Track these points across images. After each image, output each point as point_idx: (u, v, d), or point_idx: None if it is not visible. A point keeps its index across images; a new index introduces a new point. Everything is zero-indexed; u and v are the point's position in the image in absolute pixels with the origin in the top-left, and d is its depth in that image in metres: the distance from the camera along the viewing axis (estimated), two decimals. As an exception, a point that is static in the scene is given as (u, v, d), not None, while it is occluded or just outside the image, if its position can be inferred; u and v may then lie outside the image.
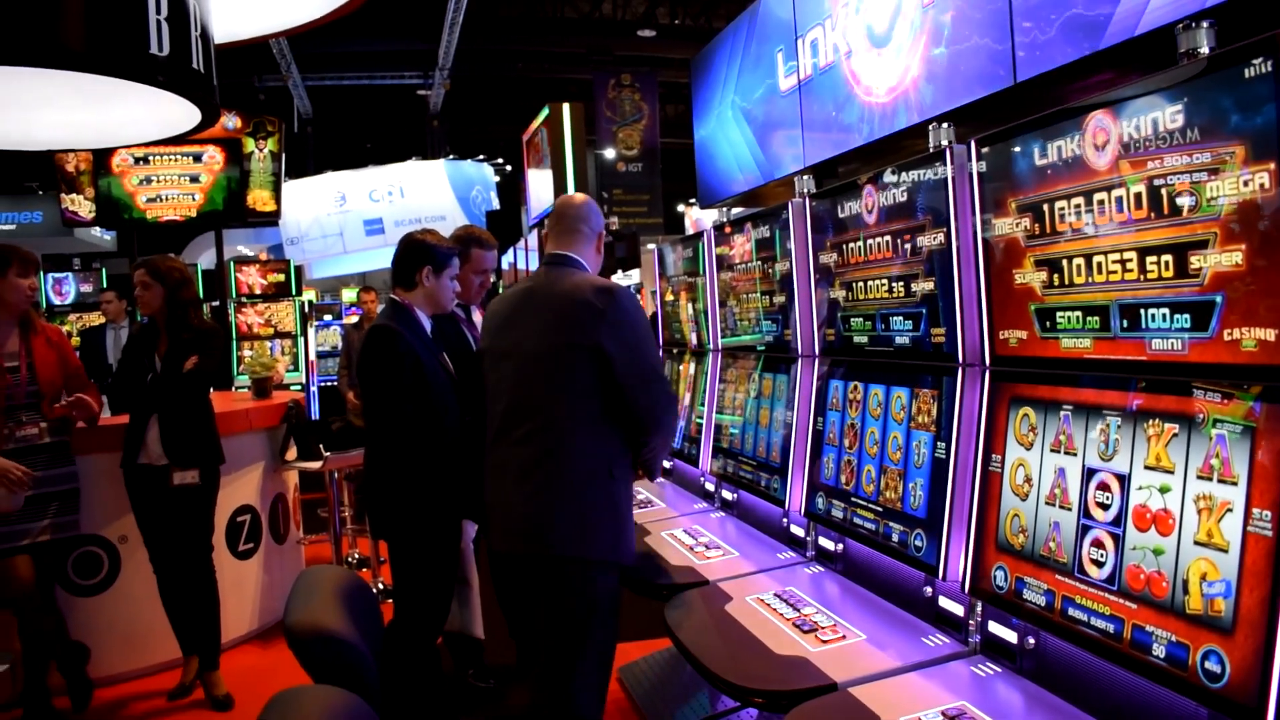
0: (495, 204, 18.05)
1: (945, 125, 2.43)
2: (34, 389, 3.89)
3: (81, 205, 10.02)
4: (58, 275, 11.32)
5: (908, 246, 2.53)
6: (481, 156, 19.44)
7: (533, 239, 11.50)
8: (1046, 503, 2.01)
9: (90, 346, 7.58)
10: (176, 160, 9.28)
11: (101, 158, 9.21)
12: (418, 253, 3.36)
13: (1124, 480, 1.82)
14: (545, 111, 10.67)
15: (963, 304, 2.32)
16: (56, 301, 11.00)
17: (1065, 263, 1.95)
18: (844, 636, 2.40)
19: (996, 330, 2.20)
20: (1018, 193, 2.09)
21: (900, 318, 2.60)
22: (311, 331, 9.10)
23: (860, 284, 2.79)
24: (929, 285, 2.44)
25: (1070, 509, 1.94)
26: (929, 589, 2.44)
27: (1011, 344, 2.15)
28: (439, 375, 3.26)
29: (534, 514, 2.63)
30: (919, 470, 2.47)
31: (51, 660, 4.04)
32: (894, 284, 2.61)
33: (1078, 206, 1.91)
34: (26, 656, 3.93)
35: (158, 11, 3.54)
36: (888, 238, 2.63)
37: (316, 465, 5.30)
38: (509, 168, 20.12)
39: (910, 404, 2.54)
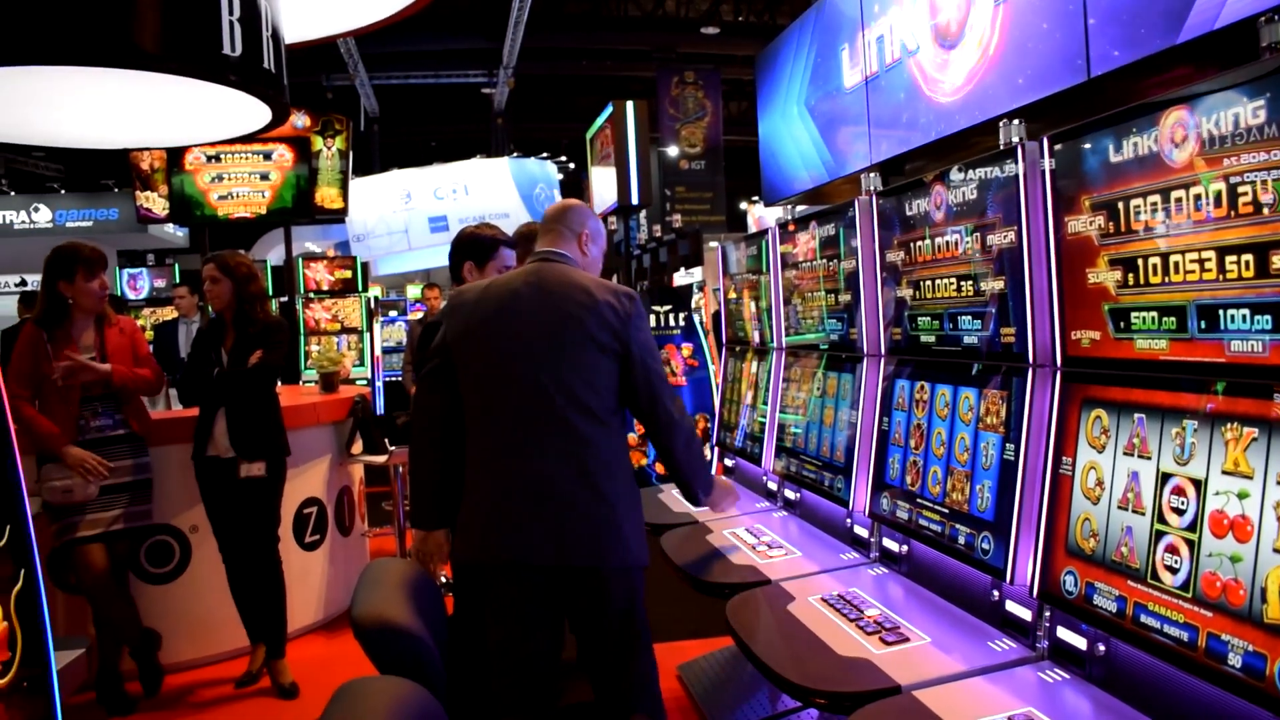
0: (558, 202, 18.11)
1: (1016, 122, 2.39)
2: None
3: (156, 202, 10.25)
4: (132, 271, 11.61)
5: (977, 245, 2.49)
6: (545, 154, 19.57)
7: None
8: (1119, 507, 1.96)
9: (163, 341, 7.76)
10: (247, 158, 9.48)
11: (175, 156, 9.43)
12: (460, 248, 3.39)
13: (1200, 485, 1.77)
14: (609, 109, 10.70)
15: (1034, 303, 2.28)
16: (131, 296, 11.27)
17: (1140, 262, 1.91)
18: (908, 639, 2.37)
19: (1068, 330, 2.15)
20: (1091, 190, 2.05)
21: (969, 317, 2.56)
22: (377, 327, 9.21)
23: (928, 283, 2.76)
24: (999, 284, 2.41)
25: (1144, 514, 1.90)
26: (996, 593, 2.40)
27: (1084, 344, 2.11)
28: None
29: (590, 526, 2.57)
30: (987, 472, 2.43)
31: (124, 646, 4.15)
32: (962, 283, 2.57)
33: (1154, 204, 1.87)
34: (100, 641, 4.04)
35: (230, 13, 3.61)
36: (956, 236, 2.59)
37: (381, 459, 5.37)
38: (572, 165, 20.23)
39: (978, 405, 2.51)
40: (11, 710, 2.06)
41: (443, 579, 5.22)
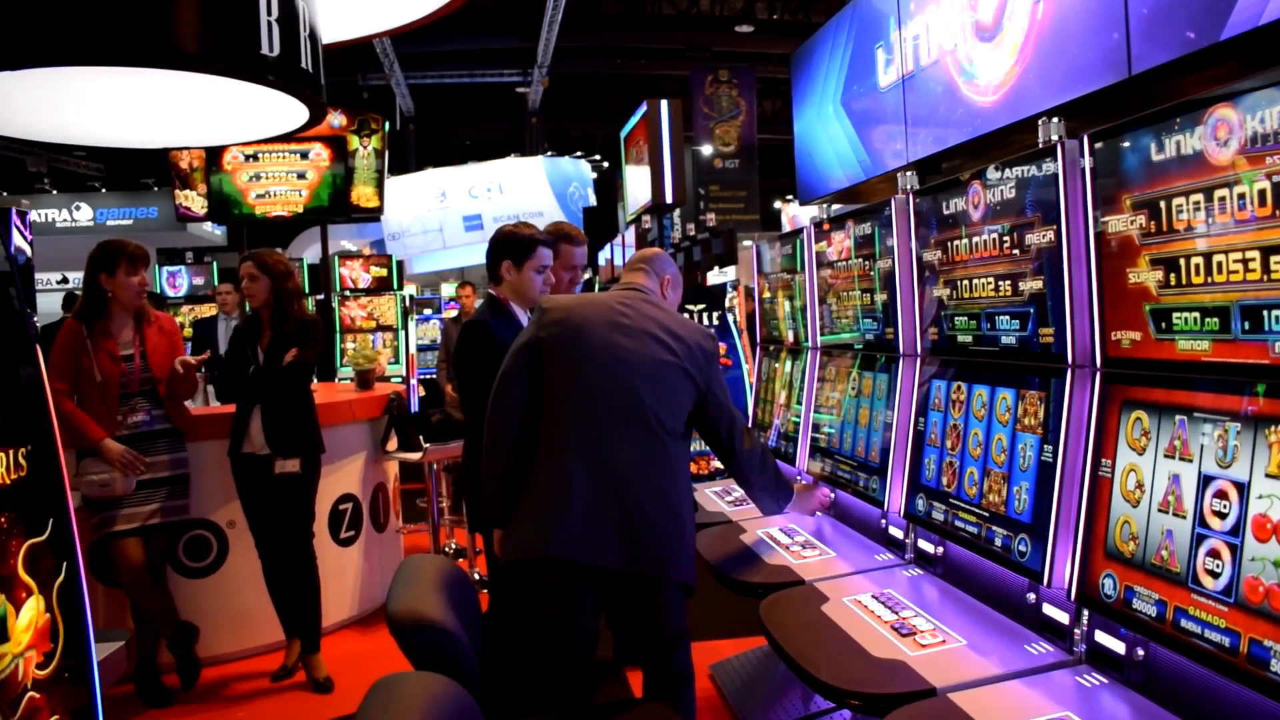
0: (592, 200, 18.18)
1: (1056, 120, 2.37)
2: (147, 376, 4.06)
3: (194, 201, 10.36)
4: (171, 269, 11.74)
5: (1015, 244, 2.47)
6: (579, 153, 19.60)
7: (630, 235, 11.54)
8: (1159, 510, 1.94)
9: (202, 337, 7.85)
10: (284, 157, 9.56)
11: (214, 155, 9.53)
12: (497, 247, 3.40)
13: (1243, 489, 1.75)
14: (643, 108, 10.70)
15: (1073, 303, 2.26)
16: (171, 294, 11.40)
17: (1183, 262, 1.89)
18: (943, 641, 2.36)
19: (1108, 331, 2.13)
20: (1132, 189, 2.02)
21: (1007, 317, 2.54)
22: (412, 325, 9.27)
23: (965, 282, 2.74)
24: (1037, 284, 2.38)
25: (1184, 517, 1.87)
26: (1032, 595, 2.38)
27: (1124, 345, 2.08)
28: None
29: (661, 538, 2.65)
30: (1024, 473, 2.41)
31: (162, 639, 4.20)
32: (1001, 282, 2.55)
33: (1197, 203, 1.84)
34: (138, 634, 4.09)
35: (269, 13, 3.64)
36: (994, 235, 2.57)
37: (416, 456, 5.41)
38: (606, 164, 20.23)
39: (1016, 405, 2.48)
40: (53, 701, 2.09)
41: (476, 575, 5.24)
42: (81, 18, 3.25)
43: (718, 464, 5.58)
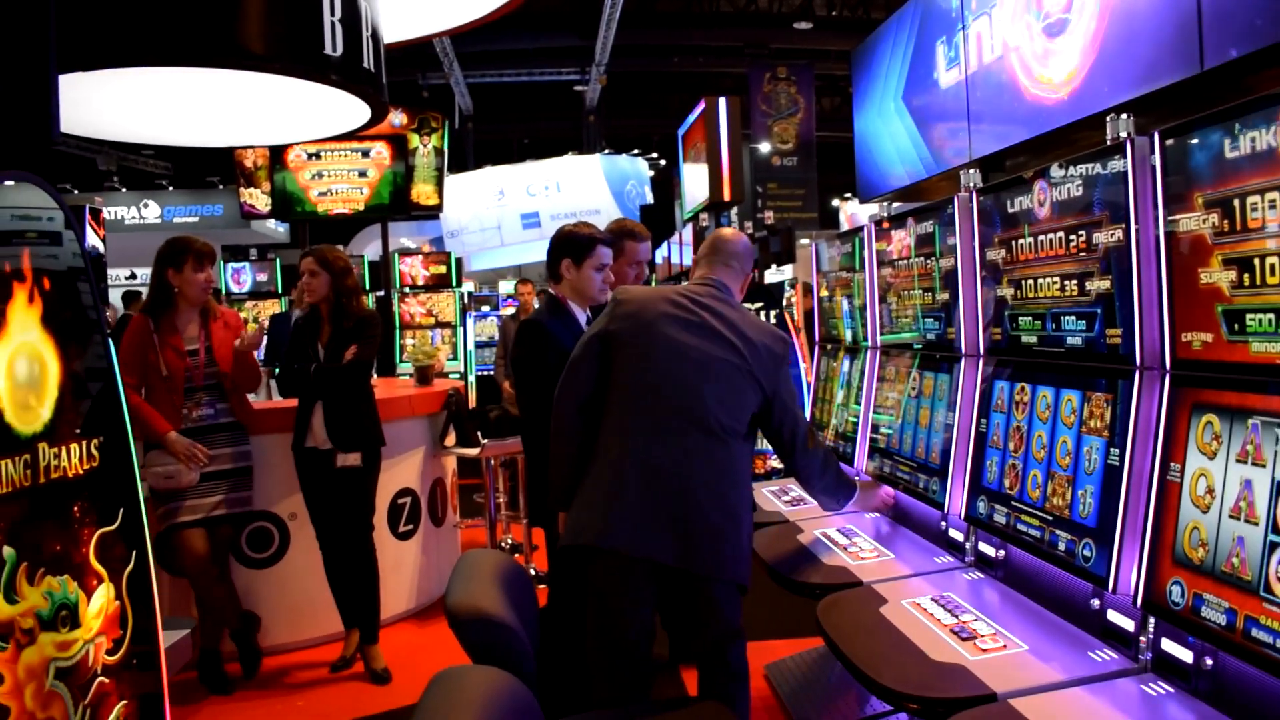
0: (649, 198, 18.19)
1: (1125, 116, 2.32)
2: (212, 371, 4.13)
3: (258, 199, 10.54)
4: (236, 265, 11.95)
5: (1082, 243, 2.43)
6: (636, 151, 19.63)
7: (687, 233, 11.53)
8: (1230, 516, 1.89)
9: (277, 332, 7.99)
10: (346, 156, 9.69)
11: (277, 153, 9.70)
12: (557, 245, 3.43)
13: (1320, 495, 1.70)
14: (701, 106, 10.68)
15: (1142, 304, 2.21)
16: (235, 290, 11.60)
17: (1257, 262, 1.84)
18: (1004, 646, 2.33)
19: (1178, 332, 2.08)
20: (1205, 187, 1.97)
21: (1073, 317, 2.49)
22: (470, 322, 9.36)
23: (1030, 282, 2.69)
24: (1105, 284, 2.34)
25: (1257, 523, 1.82)
26: (1097, 601, 2.34)
27: (1195, 347, 2.04)
28: None
29: (715, 537, 2.65)
30: (1089, 477, 2.37)
31: (225, 628, 4.28)
32: (1067, 282, 2.51)
33: (1272, 202, 1.79)
34: (202, 623, 4.18)
35: (332, 14, 3.69)
36: (1060, 234, 2.53)
37: (474, 452, 5.45)
38: (663, 162, 20.25)
39: (1082, 407, 2.44)
40: (121, 686, 2.14)
41: (533, 570, 5.28)
42: (152, 20, 3.32)
43: (775, 463, 5.56)
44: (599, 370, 2.82)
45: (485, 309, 13.31)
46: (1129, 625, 2.21)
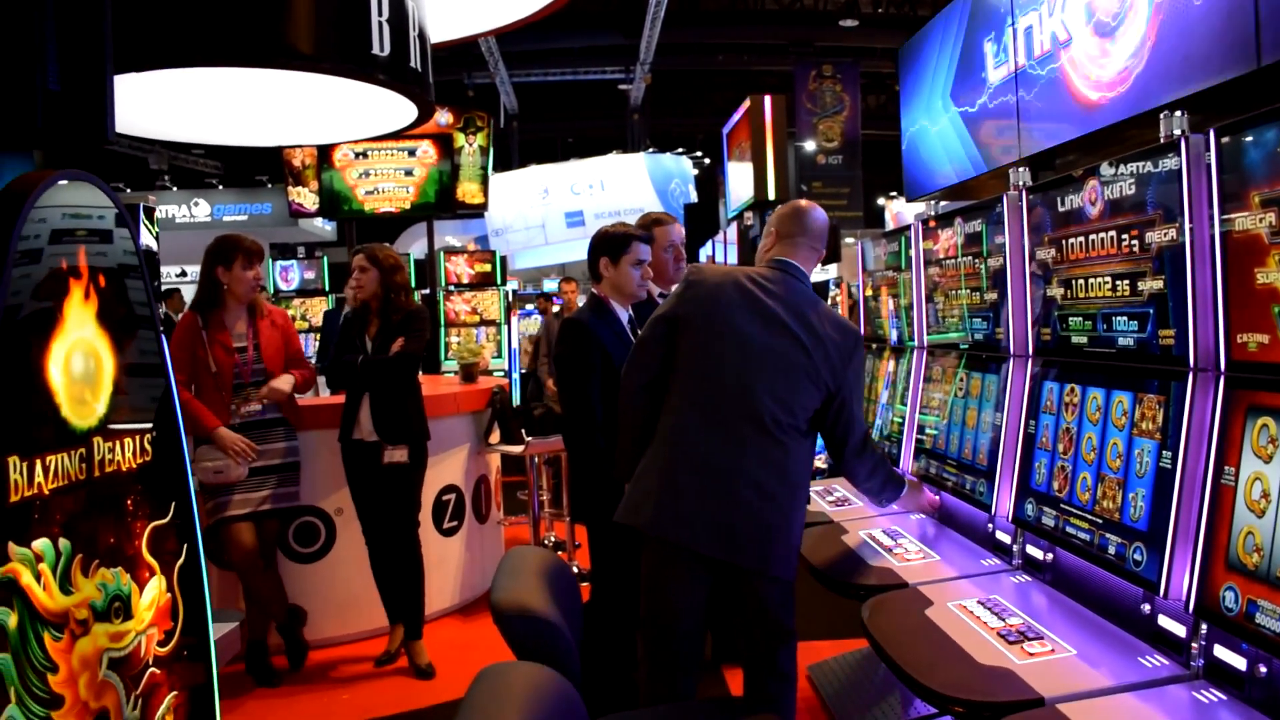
0: (694, 197, 18.16)
1: (1179, 113, 2.28)
2: (259, 368, 4.18)
3: (306, 198, 10.64)
4: (284, 263, 12.08)
5: (1134, 243, 2.39)
6: (680, 150, 19.62)
7: (731, 232, 11.50)
8: (1287, 521, 1.86)
9: (329, 326, 8.07)
10: (393, 155, 9.78)
11: (325, 153, 9.79)
12: (595, 246, 3.50)
13: (1381, 500, 1.66)
14: (746, 104, 10.64)
15: (1196, 305, 2.17)
16: (283, 287, 11.73)
17: (1317, 262, 1.80)
18: (1052, 650, 2.30)
19: (1233, 333, 2.04)
20: (1262, 185, 1.93)
21: (1124, 318, 2.45)
22: (514, 320, 9.41)
23: (1080, 281, 2.66)
24: (1158, 284, 2.30)
25: (1315, 529, 1.79)
26: (1147, 606, 2.30)
27: (1250, 348, 2.00)
28: None
29: (761, 532, 2.65)
30: (1140, 480, 2.33)
31: (272, 621, 4.34)
32: (1118, 282, 2.47)
33: (1333, 201, 1.76)
34: (249, 616, 4.24)
35: (380, 14, 3.72)
36: (1112, 233, 2.49)
37: (518, 449, 5.48)
38: (707, 161, 20.20)
39: (1133, 409, 2.40)
40: (172, 677, 2.18)
41: (575, 568, 5.29)
42: (203, 21, 3.36)
43: (820, 463, 5.53)
44: (665, 352, 2.81)
45: (529, 307, 13.36)
46: (1180, 631, 2.17)
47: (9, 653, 1.61)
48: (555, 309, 9.98)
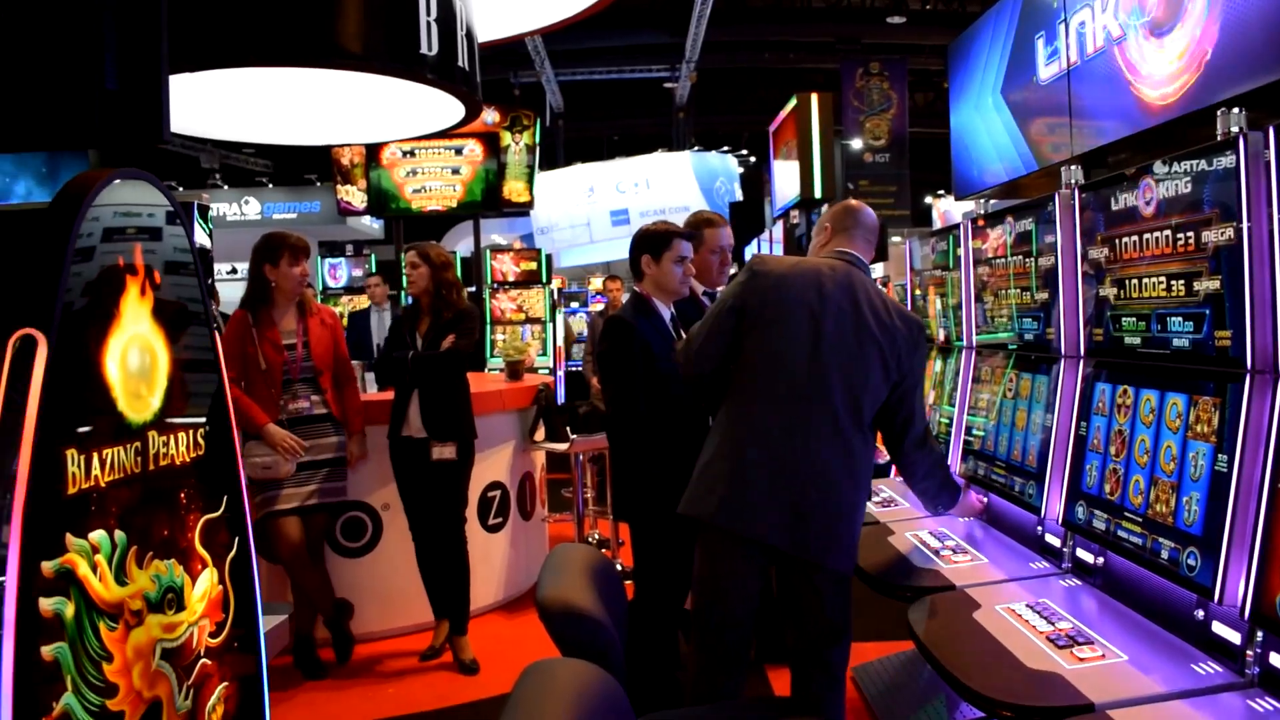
0: (738, 195, 18.12)
1: (1237, 110, 2.24)
2: (309, 365, 4.23)
3: (354, 196, 10.75)
4: (332, 261, 12.21)
5: (1190, 242, 2.35)
6: (726, 148, 19.59)
7: (777, 231, 11.46)
8: (1348, 527, 1.81)
9: (356, 328, 8.15)
10: (440, 153, 9.86)
11: (373, 151, 9.90)
12: (636, 244, 3.51)
13: None
14: (792, 102, 10.60)
15: (1254, 305, 2.13)
16: (331, 284, 11.86)
17: (1381, 262, 1.76)
18: (1102, 655, 2.26)
19: (1293, 335, 2.00)
20: (1324, 184, 1.89)
21: (1179, 318, 2.41)
22: (559, 318, 9.44)
23: (1133, 281, 2.61)
24: (1214, 284, 2.26)
25: (1377, 535, 1.75)
26: (1201, 612, 2.26)
27: (1310, 350, 1.96)
28: (674, 365, 3.30)
29: (828, 524, 2.66)
30: (1195, 484, 2.29)
31: (319, 614, 4.39)
32: (1173, 282, 2.43)
33: (1398, 200, 1.71)
34: (296, 609, 4.29)
35: (428, 14, 3.74)
36: (1166, 232, 2.45)
37: (563, 447, 5.49)
38: (753, 159, 20.14)
39: (1188, 411, 2.36)
40: (223, 668, 2.21)
41: (619, 566, 5.30)
42: (255, 21, 3.41)
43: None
44: (731, 342, 2.80)
45: (574, 305, 13.40)
46: (1235, 638, 2.13)
47: (66, 641, 1.64)
48: (599, 307, 10.00)
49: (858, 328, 2.69)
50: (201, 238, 5.55)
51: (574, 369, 10.11)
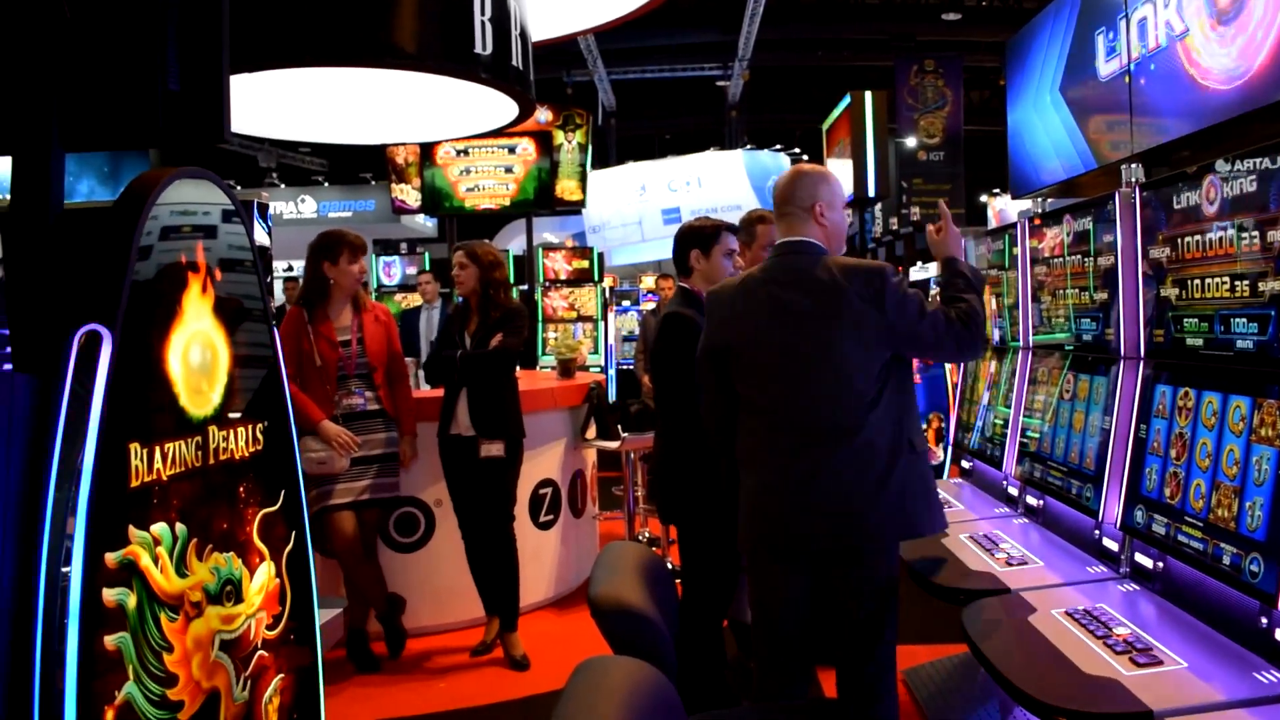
0: (791, 194, 17.97)
1: (1306, 107, 2.19)
2: (363, 361, 4.28)
3: (409, 194, 10.86)
4: (387, 259, 12.34)
5: (1255, 242, 2.30)
6: (779, 146, 19.48)
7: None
8: None
9: (407, 326, 8.23)
10: (493, 152, 9.93)
11: (427, 150, 9.99)
12: (684, 238, 3.50)
13: None
14: (846, 100, 10.53)
15: (1321, 306, 2.08)
16: (385, 282, 11.99)
17: None
18: (1161, 662, 2.22)
19: (1363, 337, 1.95)
20: (1397, 182, 1.84)
21: (1244, 320, 2.36)
22: (611, 316, 9.47)
23: (1196, 282, 2.56)
24: (1279, 285, 2.21)
25: None
26: (1264, 620, 2.21)
27: (1381, 353, 1.91)
28: None
29: (847, 506, 2.63)
30: (1259, 488, 2.24)
31: (372, 609, 4.44)
32: (1237, 283, 2.38)
33: None
34: (349, 603, 4.34)
35: (482, 13, 3.77)
36: (1230, 232, 2.40)
37: (614, 445, 5.51)
38: (805, 157, 20.01)
39: (1251, 415, 2.31)
40: (279, 660, 2.24)
41: (669, 565, 5.30)
42: (312, 22, 3.46)
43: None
44: (721, 383, 2.83)
45: (626, 304, 13.42)
46: (1301, 647, 2.09)
47: (128, 631, 1.68)
48: (650, 305, 10.00)
49: (815, 321, 2.59)
50: (261, 236, 5.64)
51: (625, 367, 10.13)
